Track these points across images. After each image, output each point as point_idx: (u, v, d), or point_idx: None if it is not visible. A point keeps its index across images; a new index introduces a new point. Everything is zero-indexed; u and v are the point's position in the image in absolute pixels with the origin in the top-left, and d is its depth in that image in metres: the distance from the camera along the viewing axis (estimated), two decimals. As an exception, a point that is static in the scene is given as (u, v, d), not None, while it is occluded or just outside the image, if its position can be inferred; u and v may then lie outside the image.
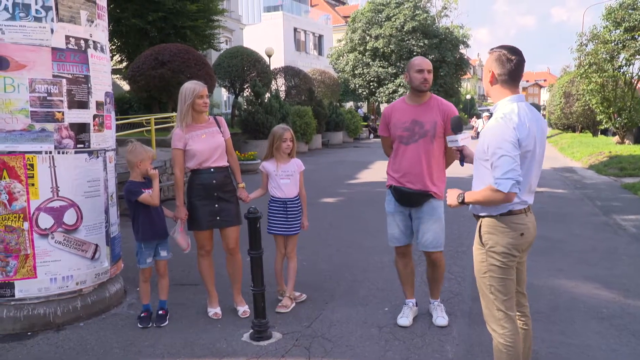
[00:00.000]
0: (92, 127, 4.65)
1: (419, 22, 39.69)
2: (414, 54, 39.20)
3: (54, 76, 4.35)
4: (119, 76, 23.44)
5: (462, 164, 3.68)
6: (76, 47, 4.47)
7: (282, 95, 26.89)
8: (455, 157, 3.81)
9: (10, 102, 4.22)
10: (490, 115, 6.75)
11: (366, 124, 38.50)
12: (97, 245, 4.74)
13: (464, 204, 3.16)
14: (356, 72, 42.12)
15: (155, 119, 13.04)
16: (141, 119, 14.52)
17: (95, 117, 4.67)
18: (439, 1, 45.61)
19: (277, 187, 4.87)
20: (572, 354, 4.00)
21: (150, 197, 4.45)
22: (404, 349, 4.09)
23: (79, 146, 4.55)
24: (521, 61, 3.04)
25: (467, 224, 3.89)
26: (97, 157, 4.72)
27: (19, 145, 4.28)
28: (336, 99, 35.48)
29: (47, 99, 4.34)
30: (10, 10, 4.15)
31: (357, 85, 42.28)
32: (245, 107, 19.02)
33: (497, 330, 3.13)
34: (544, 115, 41.85)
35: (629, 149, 20.24)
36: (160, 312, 4.67)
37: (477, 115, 48.27)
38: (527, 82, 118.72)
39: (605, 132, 31.38)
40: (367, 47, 41.28)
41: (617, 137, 24.68)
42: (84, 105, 4.57)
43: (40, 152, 4.34)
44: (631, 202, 10.56)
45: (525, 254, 3.24)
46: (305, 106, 23.94)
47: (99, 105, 4.73)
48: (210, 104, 4.65)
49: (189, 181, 4.71)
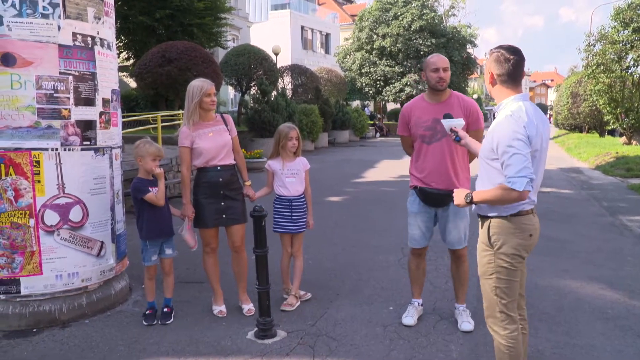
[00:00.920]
0: (98, 125, 4.65)
1: (426, 21, 39.64)
2: (421, 53, 39.20)
3: (60, 73, 4.36)
4: (125, 73, 23.48)
5: (457, 139, 3.76)
6: (83, 44, 4.48)
7: (289, 93, 26.90)
8: (450, 137, 3.86)
9: (17, 98, 4.23)
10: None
11: (372, 122, 38.46)
12: (102, 242, 4.75)
13: (471, 203, 3.13)
14: (363, 70, 42.10)
15: (161, 116, 13.07)
16: (148, 116, 14.55)
17: (101, 114, 4.68)
18: (447, 0, 45.56)
19: (283, 186, 4.87)
20: (576, 354, 3.98)
21: (155, 196, 4.45)
22: (408, 348, 4.08)
23: (85, 143, 4.56)
24: (520, 60, 3.01)
25: (472, 223, 3.87)
26: (103, 154, 4.73)
27: (25, 142, 4.29)
28: (343, 97, 35.47)
29: (54, 96, 4.35)
30: (17, 6, 4.16)
31: (364, 84, 42.25)
32: (251, 105, 19.05)
33: (499, 331, 3.11)
34: (551, 115, 41.74)
35: (636, 149, 20.15)
36: (165, 309, 4.68)
37: (484, 115, 48.14)
38: (535, 82, 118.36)
39: (612, 132, 31.28)
40: (374, 46, 41.25)
41: (624, 137, 24.59)
42: (90, 102, 4.57)
43: (46, 149, 4.35)
44: (637, 203, 10.51)
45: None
46: (311, 105, 23.96)
47: (106, 102, 4.73)
48: (217, 101, 4.64)
49: (196, 179, 4.71)
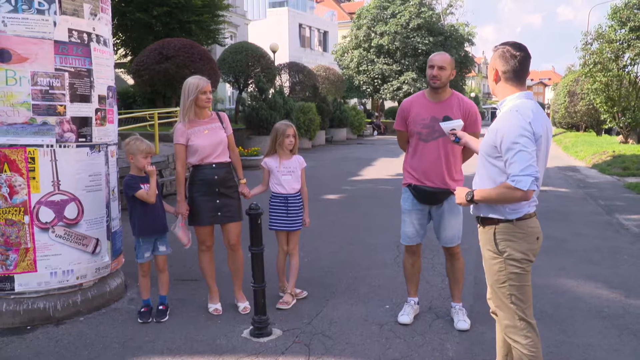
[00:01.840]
0: (94, 121, 4.63)
1: (424, 19, 39.61)
2: (419, 51, 39.22)
3: (56, 69, 4.33)
4: (123, 70, 23.43)
5: (457, 140, 3.74)
6: (79, 41, 4.46)
7: (286, 91, 26.85)
8: (450, 138, 3.83)
9: (12, 94, 4.21)
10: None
11: (370, 120, 38.43)
12: (97, 239, 4.73)
13: (473, 202, 3.05)
14: (361, 68, 42.05)
15: (158, 113, 13.02)
16: (144, 113, 14.51)
17: (97, 111, 4.66)
18: (445, -2, 45.60)
19: (279, 183, 4.85)
20: (573, 353, 3.97)
21: (146, 193, 4.43)
22: (404, 346, 4.07)
23: (80, 140, 4.53)
24: (526, 57, 2.92)
25: (469, 222, 3.85)
26: (99, 151, 4.71)
27: (20, 138, 4.26)
28: (340, 95, 35.43)
29: (49, 92, 4.32)
30: (12, 2, 4.13)
31: (362, 82, 42.21)
32: (249, 102, 19.02)
33: (520, 341, 2.99)
34: (548, 114, 41.77)
35: (633, 148, 20.20)
36: (160, 307, 4.66)
37: (481, 113, 48.23)
38: (532, 80, 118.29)
39: (609, 131, 31.35)
40: (372, 44, 41.21)
41: (620, 136, 24.64)
42: (86, 99, 4.55)
43: (41, 146, 4.33)
44: (634, 202, 10.52)
45: None
46: (309, 102, 23.94)
47: (102, 99, 4.71)
48: (214, 99, 4.62)
49: (191, 176, 4.69)
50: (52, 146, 4.37)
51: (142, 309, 4.62)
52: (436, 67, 4.20)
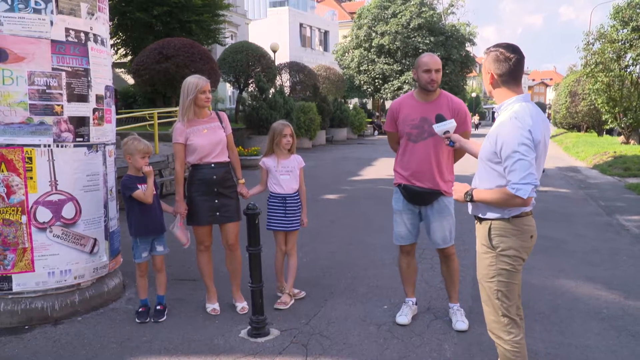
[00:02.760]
0: (91, 121, 4.62)
1: (425, 19, 39.61)
2: (420, 51, 39.16)
3: (53, 69, 4.32)
4: (123, 70, 23.45)
5: (452, 144, 3.71)
6: (76, 40, 4.44)
7: (287, 90, 26.87)
8: (444, 142, 3.80)
9: (8, 94, 4.20)
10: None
11: (370, 120, 38.43)
12: (95, 239, 4.72)
13: (471, 201, 3.07)
14: (361, 68, 42.07)
15: (158, 113, 13.02)
16: (144, 113, 14.52)
17: (95, 110, 4.65)
18: (446, -2, 45.59)
19: (277, 183, 4.84)
20: (571, 354, 3.96)
21: (143, 194, 4.42)
22: (402, 347, 4.06)
23: (78, 140, 4.52)
24: (520, 59, 2.92)
25: (469, 223, 3.84)
26: (97, 151, 4.70)
27: (17, 138, 4.25)
28: (341, 95, 35.43)
29: (46, 92, 4.31)
30: (9, 1, 4.12)
31: (362, 81, 42.23)
32: (249, 102, 19.01)
33: (503, 337, 3.03)
34: (549, 114, 41.75)
35: (634, 149, 20.18)
36: (158, 307, 4.65)
37: (482, 113, 48.19)
38: (534, 80, 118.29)
39: (610, 131, 31.34)
40: (373, 44, 41.22)
41: (622, 137, 24.61)
42: (83, 98, 4.54)
43: (39, 146, 4.32)
44: (635, 203, 10.50)
45: None
46: (309, 102, 23.93)
47: (99, 98, 4.70)
48: (214, 98, 4.62)
49: (189, 176, 4.68)
50: (49, 146, 4.36)
51: (140, 309, 4.61)
52: (433, 71, 4.18)
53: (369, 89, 42.70)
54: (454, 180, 4.29)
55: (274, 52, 27.04)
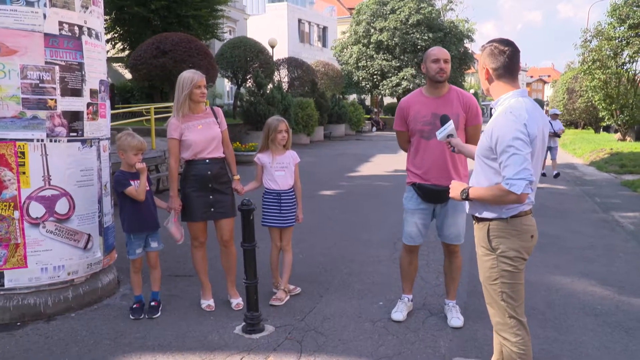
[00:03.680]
0: (85, 116, 4.58)
1: (423, 15, 39.50)
2: (418, 47, 39.11)
3: (46, 62, 4.28)
4: (121, 64, 23.38)
5: (454, 150, 3.66)
6: (70, 34, 4.40)
7: (285, 86, 26.82)
8: (447, 147, 3.76)
9: (0, 88, 4.16)
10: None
11: (369, 116, 38.38)
12: (89, 235, 4.69)
13: (467, 199, 3.01)
14: (360, 64, 41.97)
15: (155, 108, 12.99)
16: (141, 108, 14.47)
17: (89, 105, 4.61)
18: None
19: (272, 179, 4.81)
20: (564, 350, 3.95)
21: (135, 191, 4.38)
22: (397, 343, 4.04)
23: (71, 134, 4.49)
24: (515, 52, 2.88)
25: (467, 220, 3.84)
26: (91, 146, 4.66)
27: (9, 132, 4.21)
28: (339, 91, 35.38)
29: (39, 85, 4.27)
30: (1, -6, 4.08)
31: (361, 77, 42.13)
32: (247, 98, 18.96)
33: (510, 338, 2.98)
34: (547, 111, 41.71)
35: (630, 146, 20.21)
36: (152, 303, 4.63)
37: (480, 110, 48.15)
38: (532, 77, 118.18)
39: (607, 128, 31.36)
40: (372, 40, 41.11)
41: (618, 134, 24.64)
42: (77, 93, 4.50)
43: (31, 140, 4.28)
44: (630, 199, 10.51)
45: None
46: (307, 98, 23.90)
47: (93, 93, 4.66)
48: (212, 94, 4.59)
49: (184, 172, 4.65)
50: (42, 140, 4.32)
51: (134, 305, 4.59)
52: (442, 60, 4.14)
53: (368, 85, 42.61)
54: (469, 174, 4.26)
55: (272, 47, 27.00)
